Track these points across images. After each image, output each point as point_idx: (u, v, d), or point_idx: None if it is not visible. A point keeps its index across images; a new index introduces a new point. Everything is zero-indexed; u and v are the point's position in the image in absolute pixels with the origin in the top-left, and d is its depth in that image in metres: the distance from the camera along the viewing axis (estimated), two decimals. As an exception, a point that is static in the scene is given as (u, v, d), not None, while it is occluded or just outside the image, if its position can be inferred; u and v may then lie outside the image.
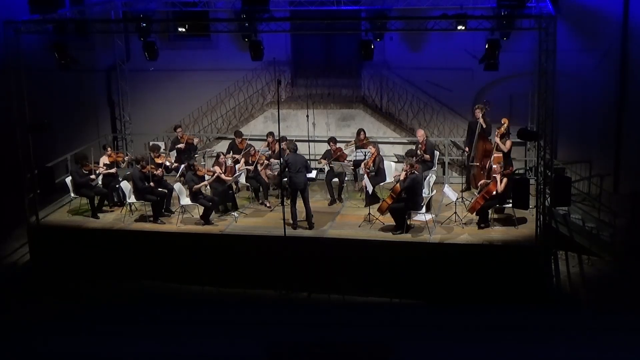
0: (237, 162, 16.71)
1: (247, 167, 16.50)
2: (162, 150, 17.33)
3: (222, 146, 18.19)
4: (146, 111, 19.58)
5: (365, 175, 15.78)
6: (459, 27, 14.58)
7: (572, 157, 17.82)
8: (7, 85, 15.16)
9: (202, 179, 15.61)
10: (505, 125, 15.83)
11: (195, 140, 17.87)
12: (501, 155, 15.50)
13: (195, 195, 15.51)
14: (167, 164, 16.63)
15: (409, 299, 14.55)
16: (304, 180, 15.11)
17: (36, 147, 15.77)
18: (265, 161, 16.55)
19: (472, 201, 15.22)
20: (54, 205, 16.86)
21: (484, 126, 16.31)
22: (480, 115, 16.24)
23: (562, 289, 14.77)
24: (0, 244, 17.05)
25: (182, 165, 16.64)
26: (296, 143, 15.77)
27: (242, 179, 16.78)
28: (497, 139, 15.69)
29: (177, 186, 16.08)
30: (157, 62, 17.02)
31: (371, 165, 15.98)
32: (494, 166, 14.98)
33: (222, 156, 16.18)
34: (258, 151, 16.83)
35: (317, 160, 16.86)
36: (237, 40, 18.09)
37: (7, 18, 15.12)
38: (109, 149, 17.01)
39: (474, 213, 14.98)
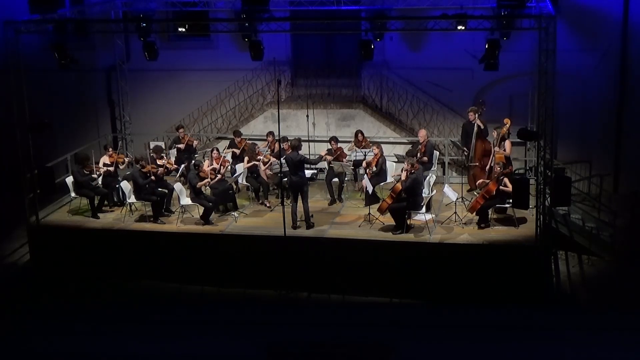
0: (235, 156, 16.76)
1: (254, 162, 16.41)
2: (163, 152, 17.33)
3: (222, 146, 18.17)
4: (146, 111, 19.58)
5: (366, 175, 15.77)
6: (459, 27, 14.59)
7: (572, 157, 17.82)
8: (7, 85, 15.16)
9: (204, 179, 15.60)
10: (508, 125, 15.83)
11: (195, 143, 17.86)
12: (503, 155, 15.50)
13: (195, 195, 15.51)
14: (169, 166, 16.61)
15: (409, 299, 14.56)
16: (303, 180, 15.09)
17: (36, 147, 15.77)
18: (272, 159, 16.50)
19: (472, 201, 15.23)
20: (54, 205, 16.86)
21: (482, 127, 16.32)
22: (476, 116, 16.26)
23: (562, 289, 14.77)
24: (0, 244, 17.05)
25: (182, 165, 16.64)
26: (300, 140, 15.70)
27: (243, 179, 16.79)
28: (498, 139, 15.69)
29: (177, 186, 16.09)
30: (157, 62, 17.03)
31: (374, 166, 15.95)
32: (495, 166, 14.99)
33: (215, 151, 16.25)
34: (260, 150, 16.84)
35: (319, 155, 16.79)
36: (237, 40, 18.09)
37: (7, 18, 15.13)
38: (110, 149, 17.01)
39: (474, 213, 14.98)
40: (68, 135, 19.20)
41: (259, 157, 16.51)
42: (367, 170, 15.94)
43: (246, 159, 16.66)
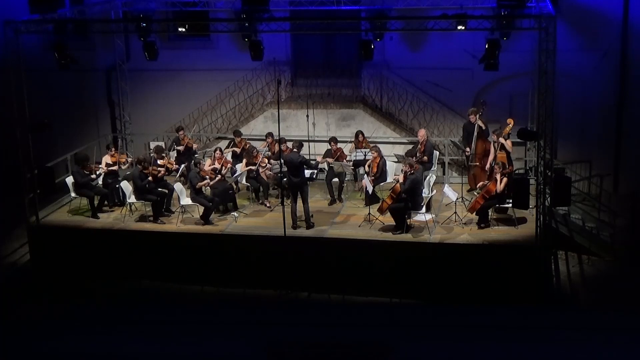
0: (235, 156, 16.74)
1: (250, 166, 16.43)
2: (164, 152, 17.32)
3: (223, 146, 18.16)
4: (146, 111, 19.58)
5: (366, 175, 15.77)
6: (459, 27, 14.59)
7: (572, 157, 17.82)
8: (7, 85, 15.16)
9: (205, 179, 15.61)
10: (511, 125, 15.83)
11: (195, 146, 17.86)
12: (505, 155, 15.50)
13: (196, 195, 15.51)
14: (169, 167, 16.60)
15: (409, 299, 14.56)
16: (303, 181, 15.09)
17: (36, 147, 15.78)
18: (268, 164, 16.50)
19: (472, 201, 15.23)
20: (54, 205, 16.86)
21: (483, 127, 16.31)
22: (477, 117, 16.25)
23: (562, 289, 14.77)
24: (0, 244, 17.05)
25: (183, 165, 16.63)
26: (301, 142, 15.70)
27: (243, 179, 16.79)
28: (502, 139, 15.68)
29: (177, 186, 16.08)
30: (157, 62, 17.02)
31: (375, 170, 15.91)
32: (495, 166, 14.99)
33: (218, 151, 16.26)
34: (260, 152, 16.84)
35: (316, 160, 16.84)
36: (237, 40, 18.09)
37: (7, 18, 15.13)
38: (112, 149, 17.00)
39: (474, 213, 14.98)
40: (68, 135, 19.20)
41: (256, 161, 16.49)
42: (370, 176, 15.93)
43: (245, 160, 16.66)
